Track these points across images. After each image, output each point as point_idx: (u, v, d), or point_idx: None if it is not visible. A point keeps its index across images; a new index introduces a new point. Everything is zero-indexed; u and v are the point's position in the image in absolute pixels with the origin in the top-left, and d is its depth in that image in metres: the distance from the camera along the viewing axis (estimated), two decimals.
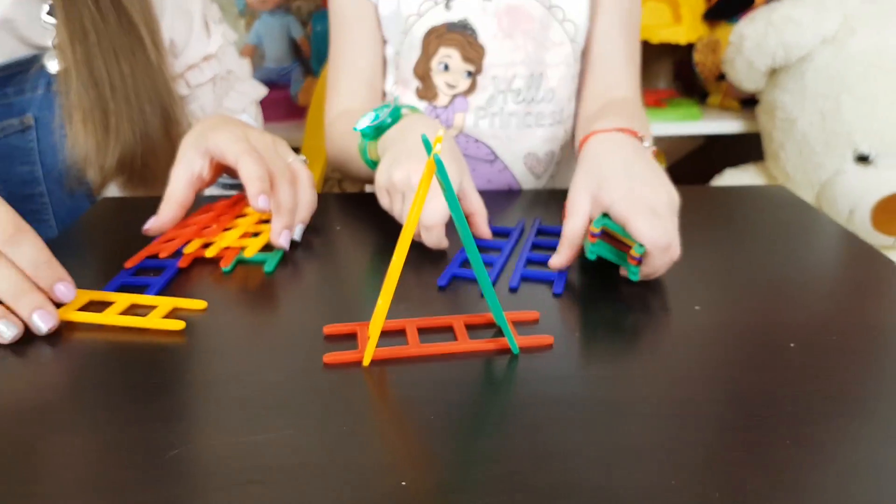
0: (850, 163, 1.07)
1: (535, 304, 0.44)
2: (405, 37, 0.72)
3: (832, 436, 0.32)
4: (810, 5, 1.07)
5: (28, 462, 0.31)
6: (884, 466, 0.30)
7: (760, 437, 0.32)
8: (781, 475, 0.30)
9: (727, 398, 0.35)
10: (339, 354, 0.38)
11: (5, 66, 0.61)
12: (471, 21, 0.70)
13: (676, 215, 0.47)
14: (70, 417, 0.34)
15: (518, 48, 0.71)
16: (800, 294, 0.47)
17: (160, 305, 0.42)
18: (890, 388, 0.36)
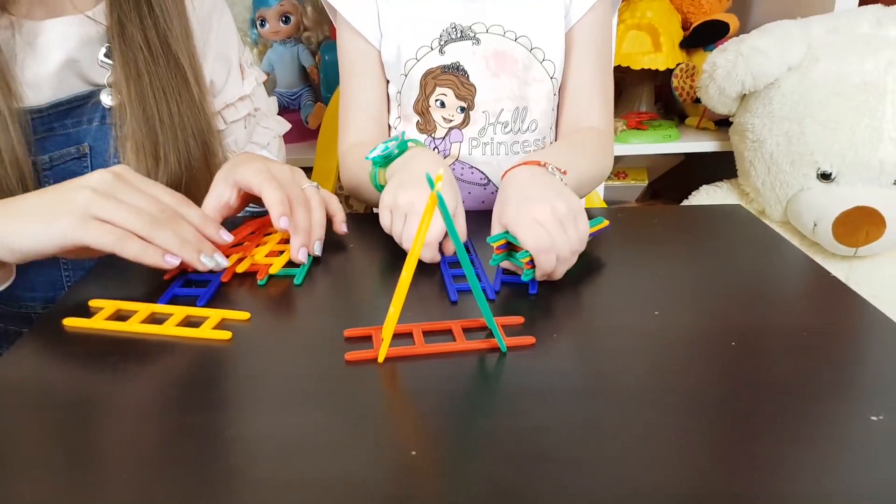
0: (814, 180, 1.16)
1: (520, 311, 0.52)
2: (405, 78, 0.81)
3: (763, 417, 0.40)
4: (776, 37, 1.16)
5: (111, 441, 0.39)
6: (806, 438, 0.39)
7: (705, 416, 0.40)
8: (720, 446, 0.38)
9: (680, 387, 0.43)
10: (358, 353, 0.46)
11: (66, 100, 0.70)
12: (462, 63, 0.79)
13: (573, 222, 0.56)
14: (144, 407, 0.42)
15: (504, 86, 0.80)
16: (744, 300, 0.55)
17: (211, 317, 0.50)
18: (813, 378, 0.44)
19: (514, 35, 0.79)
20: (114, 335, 0.49)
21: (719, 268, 0.62)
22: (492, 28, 0.78)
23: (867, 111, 1.09)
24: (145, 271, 0.62)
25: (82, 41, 0.71)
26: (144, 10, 0.71)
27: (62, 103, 0.70)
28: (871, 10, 1.18)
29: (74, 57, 0.71)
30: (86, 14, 0.71)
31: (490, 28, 0.78)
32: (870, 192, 1.12)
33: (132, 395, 0.43)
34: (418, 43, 0.80)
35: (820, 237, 1.16)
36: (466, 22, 0.79)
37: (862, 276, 1.18)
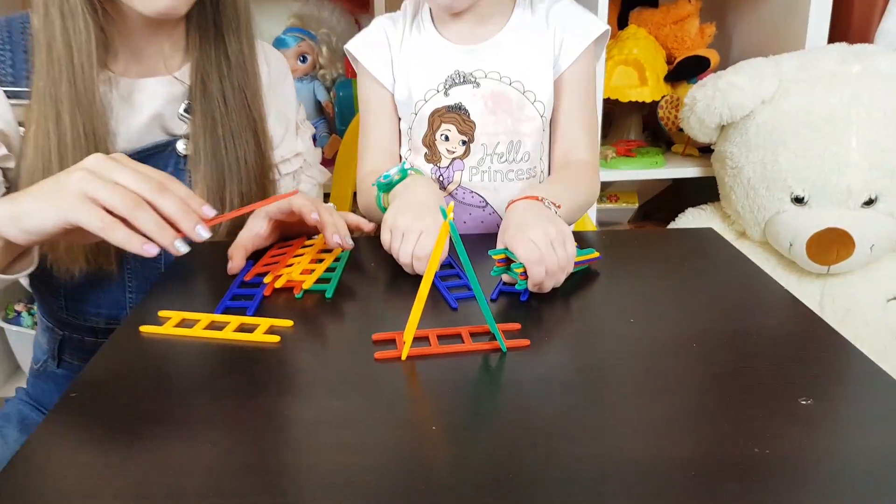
0: (788, 203, 1.26)
1: (517, 319, 0.62)
2: (415, 116, 0.92)
3: (711, 397, 0.51)
4: (750, 73, 1.27)
5: (196, 417, 0.49)
6: (749, 415, 0.49)
7: (671, 398, 0.51)
8: (684, 419, 0.48)
9: (651, 377, 0.53)
10: (386, 353, 0.56)
11: (147, 149, 0.82)
12: (464, 103, 0.91)
13: (561, 243, 0.67)
14: (218, 394, 0.52)
15: (500, 122, 0.91)
16: (706, 311, 0.65)
17: (261, 324, 0.60)
18: (754, 369, 0.54)
19: (509, 80, 0.90)
20: (182, 339, 0.60)
21: (688, 283, 0.72)
22: (490, 74, 0.90)
23: (833, 140, 1.20)
24: (199, 287, 0.72)
25: (169, 98, 0.84)
26: (224, 71, 0.83)
27: (143, 151, 0.82)
28: (836, 48, 1.30)
29: (161, 112, 0.83)
30: (174, 75, 0.84)
31: (488, 74, 0.90)
32: (839, 214, 1.22)
33: (207, 385, 0.54)
34: (427, 87, 0.91)
35: (795, 256, 1.27)
36: (468, 69, 0.90)
37: (836, 292, 1.28)
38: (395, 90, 0.93)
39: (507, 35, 0.91)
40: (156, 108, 0.82)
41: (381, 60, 0.93)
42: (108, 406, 0.51)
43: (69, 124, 0.75)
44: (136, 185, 0.56)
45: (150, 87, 0.83)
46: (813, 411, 0.48)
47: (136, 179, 0.57)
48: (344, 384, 0.53)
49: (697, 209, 1.48)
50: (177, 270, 0.77)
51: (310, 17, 1.48)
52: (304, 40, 1.44)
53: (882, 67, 1.24)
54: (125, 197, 0.55)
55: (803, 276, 1.30)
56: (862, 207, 1.22)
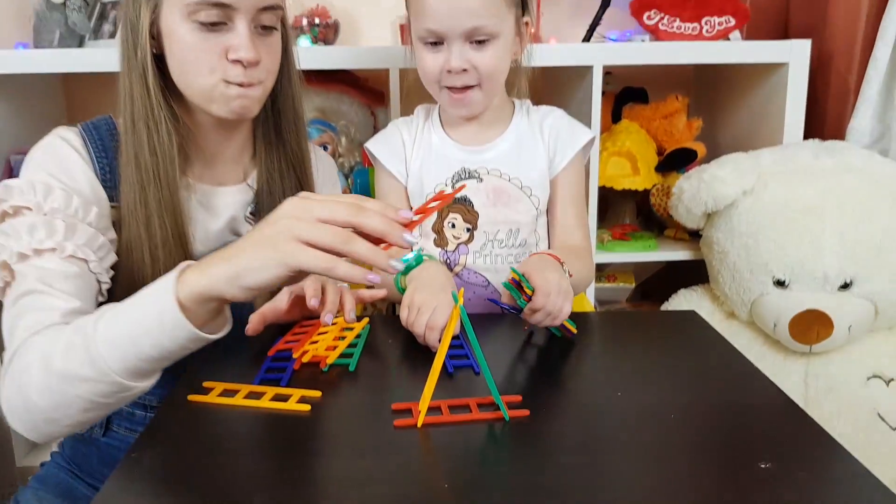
0: (771, 286, 1.35)
1: (518, 390, 0.71)
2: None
3: (687, 459, 0.59)
4: (732, 167, 1.39)
5: (242, 473, 0.58)
6: (716, 473, 0.57)
7: (652, 464, 0.59)
8: (657, 482, 0.56)
9: (634, 443, 0.62)
10: (403, 420, 0.65)
11: (219, 248, 0.89)
12: (469, 196, 1.03)
13: (566, 297, 0.82)
14: (259, 453, 0.61)
15: (500, 213, 1.04)
16: (685, 386, 0.74)
17: (294, 394, 0.69)
18: (723, 435, 0.63)
19: (509, 177, 1.03)
20: (226, 407, 0.68)
21: (670, 361, 0.81)
22: (492, 171, 1.03)
23: (809, 229, 1.30)
24: (237, 360, 0.81)
25: (241, 204, 0.95)
26: (284, 171, 0.95)
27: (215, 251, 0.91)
28: (810, 144, 1.42)
29: (234, 216, 0.94)
30: (247, 183, 0.96)
31: (490, 171, 1.03)
32: (819, 297, 1.31)
33: (249, 447, 0.62)
34: (436, 181, 1.03)
35: (780, 336, 1.35)
36: (472, 166, 1.04)
37: (819, 371, 1.36)
38: (407, 183, 1.05)
39: (506, 139, 1.04)
40: (231, 214, 0.93)
41: (396, 158, 1.06)
42: (166, 465, 0.59)
43: (158, 227, 0.83)
44: (339, 216, 0.60)
45: (227, 195, 0.94)
46: (772, 474, 0.57)
47: (335, 211, 0.60)
48: (367, 447, 0.62)
49: (689, 290, 1.57)
50: (216, 346, 0.86)
51: (330, 109, 1.61)
52: (325, 131, 1.58)
53: (852, 162, 1.35)
54: (335, 233, 0.59)
55: (788, 354, 1.38)
56: (839, 291, 1.31)
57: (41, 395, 0.67)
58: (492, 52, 0.95)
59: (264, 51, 0.86)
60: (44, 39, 1.63)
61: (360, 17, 1.83)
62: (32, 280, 0.74)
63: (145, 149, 0.84)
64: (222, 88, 0.84)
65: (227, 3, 0.81)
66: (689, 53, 1.52)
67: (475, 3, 0.92)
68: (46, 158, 0.84)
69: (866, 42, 1.52)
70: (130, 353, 0.64)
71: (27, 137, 1.60)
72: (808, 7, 1.70)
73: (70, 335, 0.67)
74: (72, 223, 0.78)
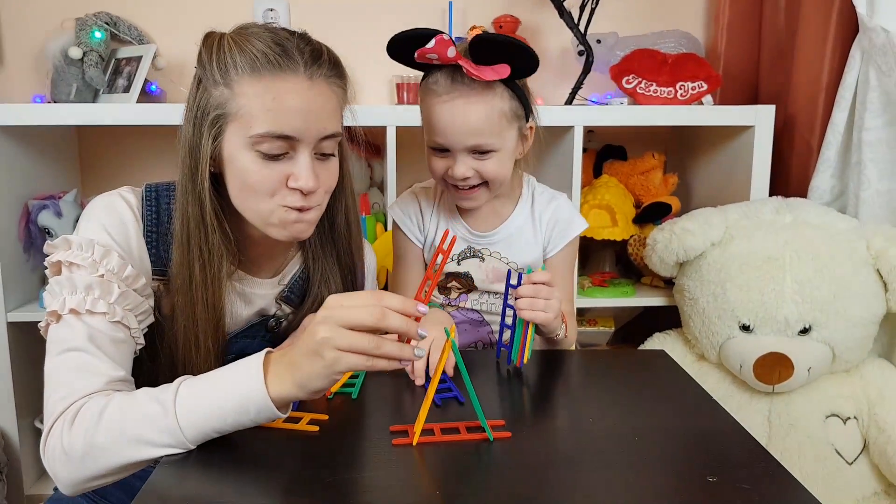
0: (737, 330, 1.46)
1: (501, 415, 0.80)
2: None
3: (646, 475, 0.68)
4: (701, 221, 1.51)
5: (254, 489, 0.67)
6: (671, 486, 0.66)
7: (616, 478, 0.68)
8: (621, 493, 0.66)
9: (605, 463, 0.71)
10: (400, 440, 0.74)
11: (246, 329, 0.98)
12: (471, 273, 1.16)
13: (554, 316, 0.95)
14: (276, 467, 0.70)
15: (494, 289, 1.16)
16: (649, 414, 0.84)
17: (304, 417, 0.79)
18: (678, 455, 0.72)
19: (507, 260, 1.16)
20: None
21: (637, 392, 0.91)
22: (493, 253, 1.16)
23: (771, 279, 1.41)
24: None
25: (273, 295, 1.00)
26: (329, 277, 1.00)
27: (242, 332, 0.98)
28: (773, 200, 1.55)
29: (267, 304, 1.00)
30: (285, 280, 1.00)
31: (492, 253, 1.16)
32: (780, 341, 1.42)
33: (265, 462, 0.71)
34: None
35: (745, 377, 1.45)
36: (477, 247, 1.16)
37: (781, 409, 1.46)
38: (424, 245, 1.18)
39: (509, 226, 1.16)
40: (264, 303, 0.99)
41: (414, 224, 1.18)
42: (194, 474, 0.69)
43: (199, 311, 0.87)
44: (365, 322, 0.69)
45: (263, 287, 0.98)
46: (719, 486, 0.66)
47: (361, 318, 0.68)
48: (369, 462, 0.71)
49: (664, 334, 1.67)
50: None
51: None
52: None
53: (810, 218, 1.48)
54: (367, 340, 0.68)
55: (754, 394, 1.48)
56: (799, 335, 1.41)
57: (103, 454, 0.73)
58: (494, 161, 1.04)
59: (323, 175, 0.88)
60: (61, 92, 1.74)
61: (359, 75, 1.96)
62: (83, 337, 0.79)
63: (196, 265, 0.87)
64: (280, 213, 0.86)
65: (292, 136, 0.83)
66: (664, 116, 1.66)
67: (477, 124, 1.01)
68: (109, 220, 0.87)
69: (826, 107, 1.66)
70: (209, 426, 0.72)
71: (42, 184, 1.71)
72: (775, 74, 1.86)
73: (145, 404, 0.74)
74: (125, 289, 0.84)
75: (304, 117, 0.83)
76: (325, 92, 0.86)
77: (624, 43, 1.83)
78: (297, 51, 0.84)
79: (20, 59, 1.88)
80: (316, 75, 0.84)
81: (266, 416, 0.73)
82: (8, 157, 1.58)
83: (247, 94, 0.82)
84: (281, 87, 0.82)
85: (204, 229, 0.86)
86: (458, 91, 1.00)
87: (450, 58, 0.98)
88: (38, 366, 0.82)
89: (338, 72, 0.89)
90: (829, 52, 1.64)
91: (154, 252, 0.90)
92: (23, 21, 1.86)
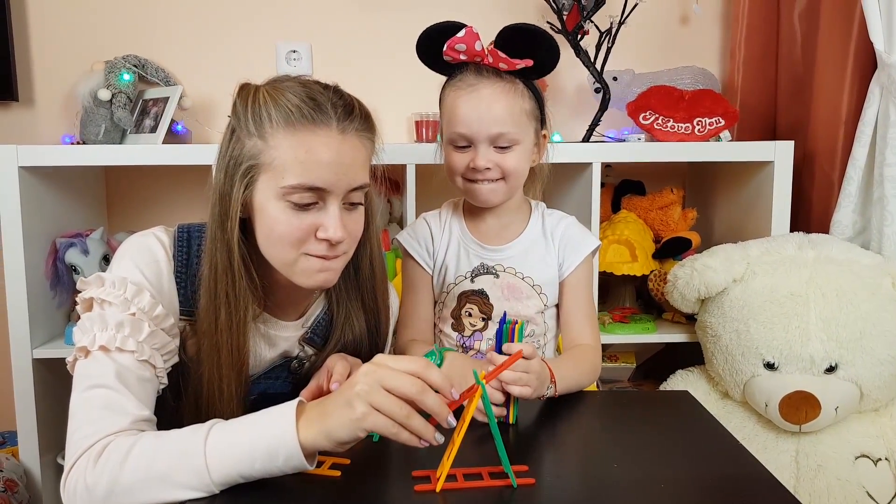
0: (762, 368, 1.44)
1: (525, 461, 0.80)
2: (447, 294, 1.16)
3: None
4: (722, 257, 1.50)
5: None
6: None
7: None
8: None
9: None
10: (423, 486, 0.74)
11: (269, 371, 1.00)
12: (486, 290, 1.15)
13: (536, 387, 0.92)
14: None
15: (512, 307, 1.15)
16: (675, 460, 0.83)
17: (326, 461, 0.79)
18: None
19: (522, 275, 1.15)
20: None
21: (662, 437, 0.90)
22: (507, 269, 1.15)
23: (795, 315, 1.40)
24: None
25: (296, 337, 1.01)
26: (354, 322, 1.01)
27: (265, 374, 1.00)
28: (795, 236, 1.54)
29: (290, 346, 1.01)
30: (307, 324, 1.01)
31: (506, 269, 1.15)
32: (806, 379, 1.40)
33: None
34: (458, 273, 1.16)
35: (771, 416, 1.43)
36: (491, 264, 1.16)
37: (809, 450, 1.43)
38: (433, 272, 1.18)
39: (521, 241, 1.16)
40: (287, 345, 1.01)
41: (424, 250, 1.18)
42: None
43: (224, 355, 0.89)
44: (404, 390, 0.71)
45: (287, 329, 1.00)
46: None
47: (402, 385, 0.72)
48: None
49: (686, 371, 1.65)
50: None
51: None
52: None
53: (833, 254, 1.47)
54: (399, 407, 0.71)
55: (780, 434, 1.46)
56: (825, 373, 1.40)
57: (126, 493, 0.74)
58: (514, 155, 1.08)
59: (350, 226, 0.90)
60: (90, 133, 1.78)
61: (379, 113, 1.99)
62: (111, 375, 0.81)
63: (222, 311, 0.88)
64: (306, 262, 0.88)
65: (323, 188, 0.85)
66: (682, 152, 1.66)
67: (501, 113, 1.06)
68: (142, 259, 0.89)
69: (846, 142, 1.65)
70: (236, 470, 0.73)
71: (70, 222, 1.74)
72: (793, 109, 1.86)
73: (176, 443, 0.75)
74: (154, 329, 0.85)
75: (335, 170, 0.85)
76: (356, 145, 0.88)
77: (640, 80, 1.85)
78: (331, 105, 0.86)
79: (51, 100, 1.93)
80: (348, 130, 0.87)
81: (294, 465, 0.73)
82: (38, 195, 1.61)
83: (280, 147, 0.84)
84: (314, 140, 0.85)
85: (231, 275, 0.88)
86: (484, 83, 1.07)
87: (477, 51, 1.06)
88: (62, 402, 0.83)
89: (368, 125, 0.91)
90: (848, 86, 1.64)
91: (183, 293, 0.92)
92: (54, 64, 1.92)
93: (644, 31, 1.95)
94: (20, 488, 1.57)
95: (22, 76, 1.91)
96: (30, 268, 1.58)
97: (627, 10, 1.74)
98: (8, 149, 1.53)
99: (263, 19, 1.95)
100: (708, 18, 2.02)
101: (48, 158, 1.56)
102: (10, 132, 1.92)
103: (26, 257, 1.56)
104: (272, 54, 1.95)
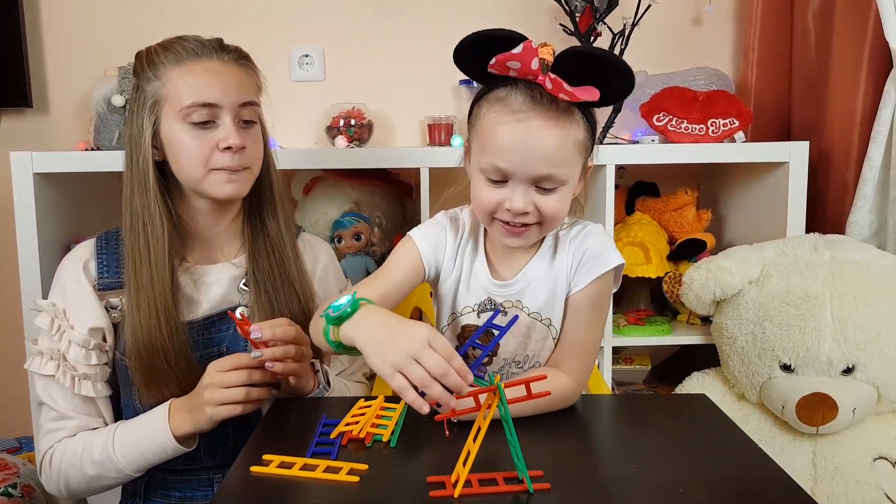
0: (778, 370, 1.43)
1: (541, 466, 0.79)
2: (452, 320, 1.08)
3: None
4: (737, 259, 1.49)
5: None
6: None
7: None
8: None
9: None
10: (438, 492, 0.74)
11: (212, 316, 1.09)
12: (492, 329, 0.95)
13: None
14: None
15: (520, 343, 1.05)
16: (692, 463, 0.82)
17: (344, 467, 0.79)
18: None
19: (529, 311, 1.04)
20: (284, 477, 0.78)
21: (680, 440, 0.89)
22: (515, 304, 1.04)
23: (811, 317, 1.39)
24: (286, 435, 0.91)
25: (231, 279, 1.13)
26: (269, 249, 1.14)
27: (209, 318, 1.10)
28: (810, 237, 1.53)
29: (226, 290, 1.12)
30: (232, 262, 1.14)
31: (514, 304, 1.04)
32: (823, 381, 1.39)
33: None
34: (464, 303, 1.06)
35: (787, 417, 1.42)
36: (498, 299, 1.05)
37: (826, 451, 1.42)
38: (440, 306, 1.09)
39: (531, 269, 1.03)
40: (222, 288, 1.12)
41: (431, 251, 1.06)
42: None
43: (153, 307, 1.03)
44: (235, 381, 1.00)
45: (217, 272, 1.13)
46: None
47: (230, 381, 1.00)
48: None
49: (702, 373, 1.64)
50: (267, 422, 0.96)
51: (364, 202, 1.75)
52: (359, 222, 1.71)
53: (849, 255, 1.45)
54: (236, 393, 1.00)
55: (797, 435, 1.44)
56: (842, 375, 1.38)
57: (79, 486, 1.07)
58: (557, 197, 0.94)
59: (248, 140, 1.07)
60: (104, 139, 1.79)
61: (391, 117, 2.00)
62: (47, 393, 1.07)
63: (140, 239, 1.04)
64: (213, 176, 1.05)
65: (213, 103, 1.03)
66: (696, 154, 1.65)
67: (551, 151, 0.90)
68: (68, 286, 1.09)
69: (861, 142, 1.64)
70: (141, 463, 1.04)
71: (84, 228, 1.75)
72: (807, 109, 1.85)
73: (98, 452, 1.03)
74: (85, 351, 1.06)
75: (220, 87, 1.04)
76: (237, 71, 1.07)
77: (654, 81, 1.84)
78: (210, 45, 1.06)
79: (65, 107, 1.95)
80: (227, 60, 1.07)
81: (176, 451, 1.03)
82: (52, 201, 1.62)
83: (174, 80, 1.03)
84: (199, 67, 1.04)
85: (147, 202, 1.04)
86: (535, 111, 0.90)
87: (532, 70, 0.88)
88: None
89: (246, 58, 1.10)
90: (863, 86, 1.63)
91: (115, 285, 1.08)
92: (67, 70, 1.93)
93: (657, 33, 1.94)
94: (37, 493, 1.58)
95: (36, 83, 1.93)
96: (45, 273, 1.58)
97: (640, 11, 1.73)
98: (23, 155, 1.54)
99: (276, 24, 1.96)
100: (721, 19, 2.01)
101: (63, 165, 1.57)
102: (24, 139, 1.94)
103: (42, 263, 1.57)
104: (285, 59, 1.96)
